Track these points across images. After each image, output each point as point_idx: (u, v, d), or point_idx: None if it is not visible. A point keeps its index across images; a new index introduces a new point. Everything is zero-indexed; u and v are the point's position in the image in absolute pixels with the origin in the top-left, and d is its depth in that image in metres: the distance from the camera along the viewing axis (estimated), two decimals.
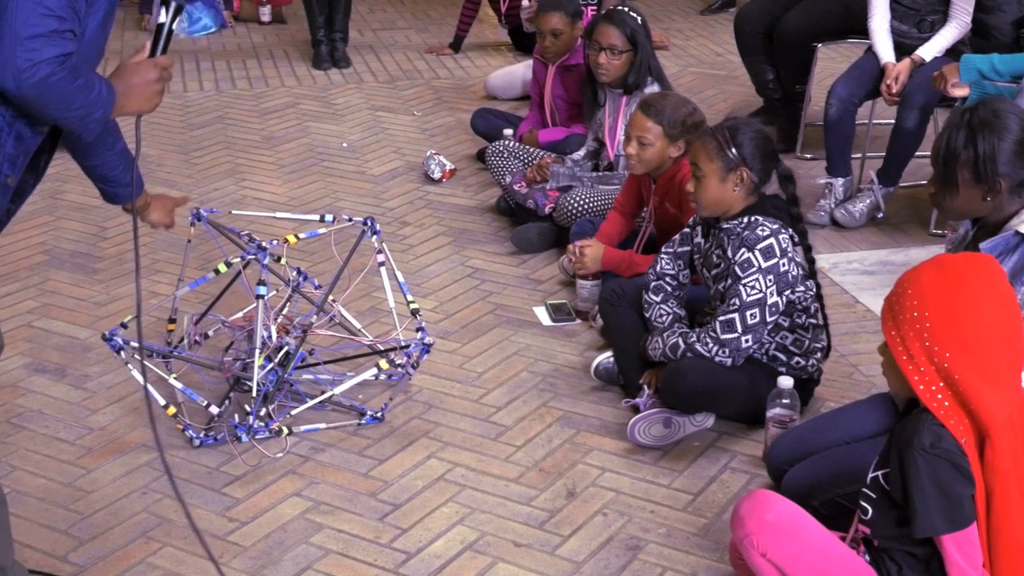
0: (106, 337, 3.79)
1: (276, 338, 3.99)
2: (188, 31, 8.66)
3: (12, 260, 5.12)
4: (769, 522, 2.76)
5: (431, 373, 4.24)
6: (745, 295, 3.66)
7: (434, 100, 7.27)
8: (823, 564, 2.73)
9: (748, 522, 2.78)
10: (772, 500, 2.82)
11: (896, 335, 2.56)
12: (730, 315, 3.69)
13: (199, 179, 6.02)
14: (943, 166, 3.26)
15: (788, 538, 2.75)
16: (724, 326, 3.70)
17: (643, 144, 4.33)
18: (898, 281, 2.62)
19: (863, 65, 5.65)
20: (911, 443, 2.53)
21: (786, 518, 2.79)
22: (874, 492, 2.69)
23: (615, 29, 5.08)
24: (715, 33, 8.69)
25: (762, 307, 3.66)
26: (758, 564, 2.76)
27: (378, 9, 9.47)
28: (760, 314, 3.67)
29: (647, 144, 4.33)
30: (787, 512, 2.80)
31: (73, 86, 2.54)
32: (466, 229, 5.45)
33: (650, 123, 4.32)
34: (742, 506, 2.83)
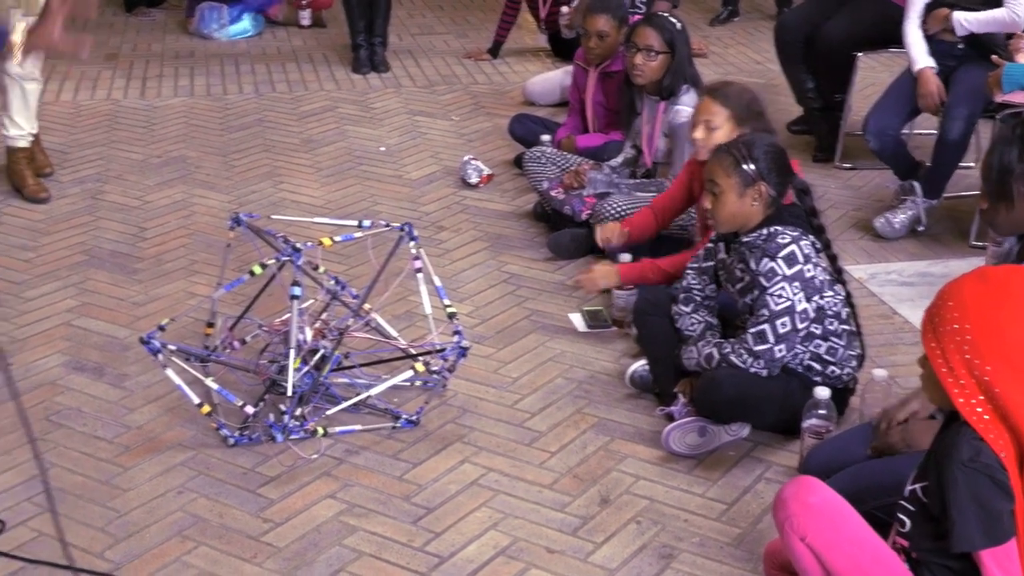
0: (144, 340, 3.81)
1: (312, 340, 4.01)
2: (228, 34, 8.70)
3: (53, 259, 5.16)
4: (812, 505, 2.75)
5: (466, 378, 4.24)
6: (773, 305, 3.66)
7: (472, 105, 7.28)
8: (861, 555, 2.71)
9: (791, 504, 2.77)
10: (816, 485, 2.81)
11: (936, 347, 2.55)
12: (761, 326, 3.68)
13: (237, 181, 6.05)
14: (997, 181, 3.24)
15: (829, 524, 2.74)
16: (756, 337, 3.69)
17: (711, 128, 4.29)
18: (939, 293, 2.61)
19: (897, 89, 5.61)
20: (950, 457, 2.51)
21: (829, 504, 2.77)
22: (912, 505, 2.67)
23: (653, 31, 5.08)
24: (754, 41, 8.66)
25: (792, 315, 3.66)
26: (796, 549, 2.75)
27: (417, 14, 9.50)
28: (791, 322, 3.66)
29: (714, 128, 4.28)
30: (830, 499, 2.78)
31: None
32: (502, 234, 5.46)
33: (717, 106, 4.29)
34: (786, 489, 2.82)
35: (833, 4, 6.31)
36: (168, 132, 6.77)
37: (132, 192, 5.91)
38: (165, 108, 7.18)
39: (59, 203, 5.75)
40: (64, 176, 6.09)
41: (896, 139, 5.53)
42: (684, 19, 5.35)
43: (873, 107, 5.62)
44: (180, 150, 6.48)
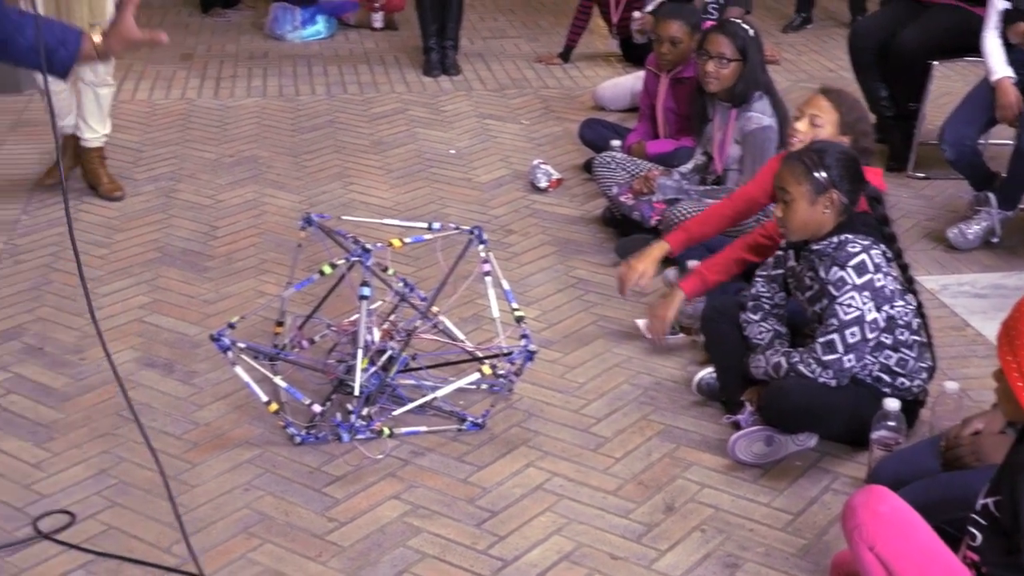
0: (214, 337, 3.84)
1: (380, 341, 4.03)
2: (301, 36, 8.77)
3: (126, 256, 5.22)
4: (882, 514, 2.72)
5: (532, 382, 4.24)
6: (843, 314, 3.63)
7: (542, 109, 7.28)
8: (930, 567, 2.68)
9: (860, 512, 2.74)
10: (886, 494, 2.78)
11: (1012, 361, 2.51)
12: (830, 336, 3.65)
13: (308, 182, 6.09)
14: None
15: (898, 533, 2.71)
16: (825, 347, 3.66)
17: (815, 125, 4.24)
18: (1015, 306, 2.57)
19: (974, 99, 5.55)
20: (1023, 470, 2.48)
21: (899, 514, 2.74)
22: (984, 519, 2.63)
23: (725, 38, 5.06)
24: (828, 48, 8.60)
25: (861, 325, 3.62)
26: (865, 559, 2.72)
27: (489, 18, 9.52)
28: (860, 332, 3.63)
29: (819, 126, 4.22)
30: (901, 508, 2.76)
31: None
32: (571, 239, 5.45)
33: (829, 106, 4.24)
34: (855, 497, 2.79)
35: (909, 12, 6.25)
36: (240, 132, 6.83)
37: (204, 191, 5.97)
38: (238, 108, 7.25)
39: (133, 201, 5.82)
40: (138, 174, 6.16)
41: (972, 149, 5.47)
42: (757, 25, 5.32)
43: (949, 116, 5.56)
44: (252, 150, 6.53)
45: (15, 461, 3.78)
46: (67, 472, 3.73)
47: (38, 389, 4.19)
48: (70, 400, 4.11)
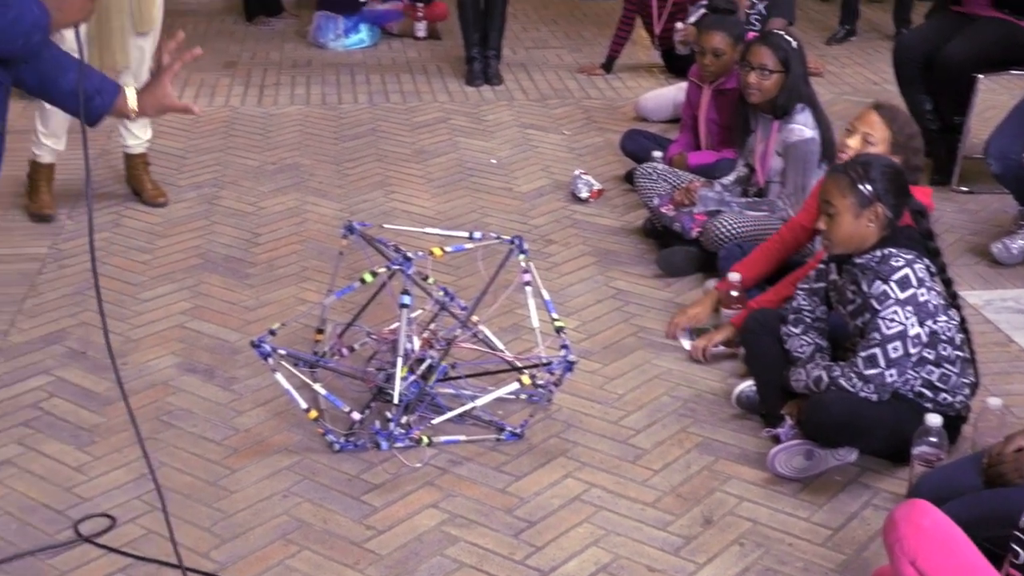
0: (254, 343, 3.86)
1: (419, 350, 4.04)
2: (344, 44, 8.81)
3: (168, 262, 5.26)
4: (924, 528, 2.70)
5: (571, 392, 4.24)
6: (885, 328, 3.60)
7: (584, 120, 7.28)
8: None
9: (902, 526, 2.72)
10: (929, 508, 2.76)
11: None
12: (872, 350, 3.63)
13: (350, 190, 6.11)
14: None
15: (940, 548, 2.68)
16: (867, 361, 3.63)
17: (868, 142, 4.23)
18: None
19: (1020, 112, 5.50)
20: None
21: (941, 528, 2.72)
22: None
23: (768, 50, 5.05)
24: (872, 61, 8.56)
25: (904, 340, 3.60)
26: (906, 573, 2.69)
27: (532, 28, 9.53)
28: (903, 347, 3.60)
29: (871, 144, 4.22)
30: (943, 523, 2.73)
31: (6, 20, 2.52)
32: (611, 250, 5.45)
33: (882, 124, 4.23)
34: (897, 511, 2.77)
35: (954, 24, 6.22)
36: (283, 140, 6.87)
37: (247, 198, 6.00)
38: (281, 116, 7.29)
39: (176, 207, 5.86)
40: (181, 181, 6.20)
41: (1018, 163, 5.42)
42: (800, 37, 5.30)
43: (995, 130, 5.51)
44: (294, 158, 6.56)
45: (57, 464, 3.81)
46: (108, 476, 3.76)
47: (80, 393, 4.23)
48: (111, 404, 4.14)
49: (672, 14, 7.85)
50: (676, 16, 7.79)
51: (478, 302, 4.24)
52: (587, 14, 10.02)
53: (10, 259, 5.25)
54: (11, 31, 2.52)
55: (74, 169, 6.16)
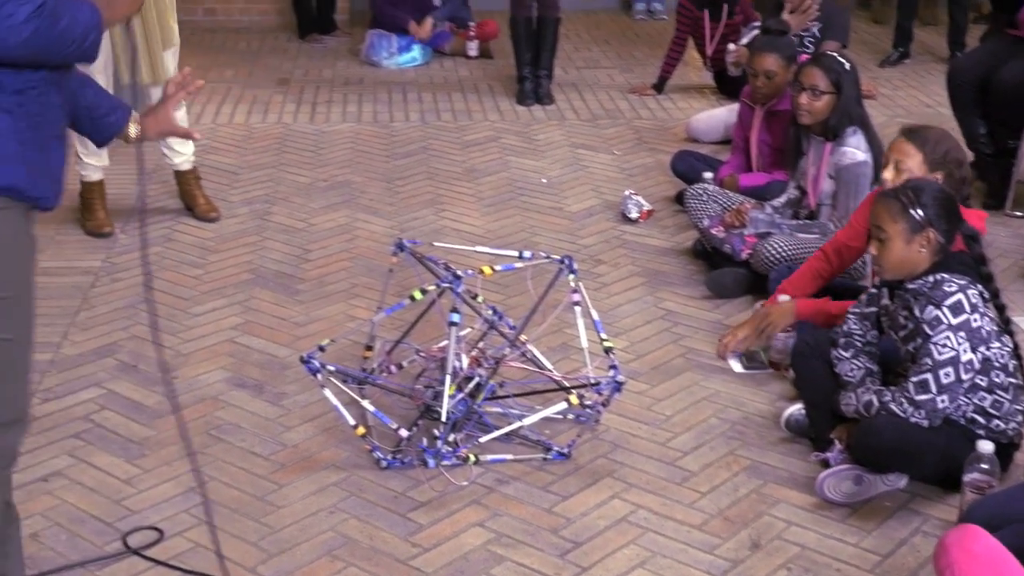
0: (304, 359, 3.88)
1: (468, 368, 4.04)
2: (397, 63, 8.86)
3: (220, 277, 5.29)
4: (975, 553, 2.67)
5: (619, 413, 4.23)
6: (937, 354, 3.57)
7: (635, 140, 7.28)
8: None
9: (952, 551, 2.69)
10: (980, 533, 2.73)
11: None
12: (923, 375, 3.60)
13: (400, 207, 6.14)
14: None
15: (992, 574, 2.65)
16: (918, 387, 3.60)
17: (901, 170, 4.21)
18: None
19: None
20: None
21: (993, 553, 2.69)
22: None
23: (819, 71, 5.03)
24: (925, 84, 8.50)
25: (956, 365, 3.57)
26: None
27: (583, 48, 9.54)
28: (955, 373, 3.57)
29: (905, 171, 4.20)
30: (994, 548, 2.70)
31: (58, 28, 2.53)
32: (661, 271, 5.43)
33: (913, 148, 4.22)
34: (948, 536, 2.74)
35: (1009, 48, 6.17)
36: (335, 157, 6.90)
37: (298, 214, 6.04)
38: (333, 133, 7.33)
39: (228, 223, 5.90)
40: (234, 196, 6.25)
41: None
42: (853, 59, 5.28)
43: None
44: (346, 175, 6.60)
45: (107, 476, 3.84)
46: (157, 489, 3.78)
47: (130, 406, 4.26)
48: (161, 417, 4.17)
49: (724, 35, 7.83)
50: (728, 37, 7.77)
51: (527, 321, 4.24)
52: (639, 34, 10.03)
53: (64, 272, 5.30)
54: (63, 40, 2.54)
55: (125, 184, 6.22)
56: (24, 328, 2.75)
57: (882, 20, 10.23)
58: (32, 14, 2.47)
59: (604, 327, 4.19)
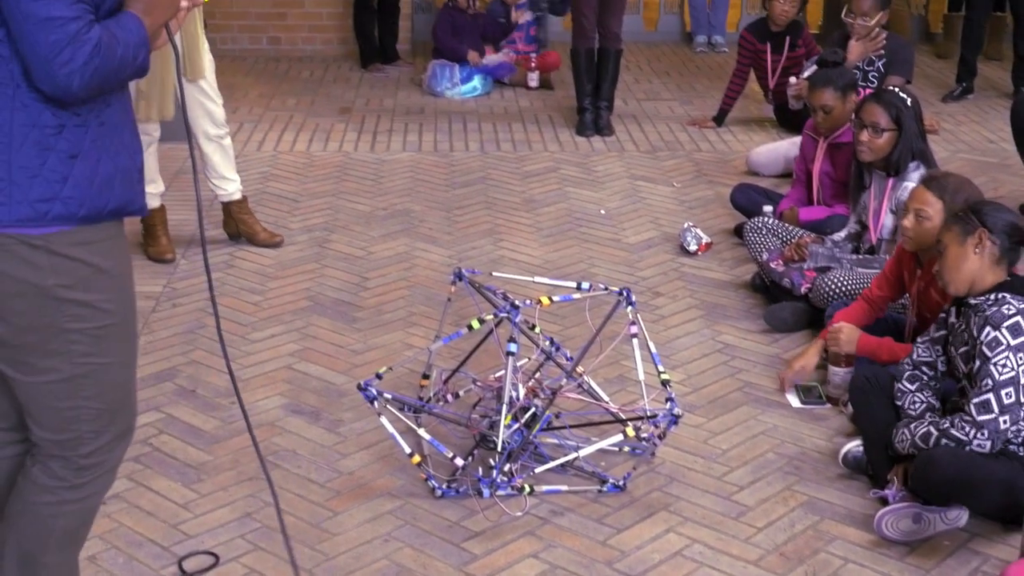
0: (361, 387, 3.89)
1: (524, 398, 4.04)
2: (458, 93, 8.90)
3: (279, 304, 5.33)
4: None
5: (675, 446, 4.21)
6: (997, 374, 3.56)
7: (694, 172, 7.26)
8: None
9: None
10: None
11: None
12: (984, 396, 3.58)
13: (459, 236, 6.16)
14: None
15: None
16: (979, 408, 3.58)
17: (920, 218, 4.23)
18: None
19: None
20: None
21: None
22: None
23: (880, 108, 5.01)
24: (989, 119, 8.43)
25: (1017, 386, 3.56)
26: None
27: (644, 80, 9.55)
28: (1016, 393, 3.56)
29: (924, 219, 4.22)
30: None
31: (116, 61, 2.54)
32: (719, 304, 5.41)
33: (932, 197, 4.22)
34: (1010, 569, 2.71)
35: None
36: (394, 185, 6.94)
37: (357, 242, 6.07)
38: (393, 162, 7.37)
39: (287, 250, 5.95)
40: (293, 224, 6.29)
41: None
42: (916, 94, 5.25)
43: None
44: (405, 203, 6.63)
45: (164, 500, 3.87)
46: (213, 514, 3.80)
47: (188, 431, 4.29)
48: (219, 443, 4.19)
49: (786, 68, 7.81)
50: (791, 71, 7.75)
51: (584, 352, 4.23)
52: (700, 67, 10.02)
53: None
54: (122, 67, 2.57)
55: (185, 211, 6.28)
56: (132, 349, 2.89)
57: (946, 55, 10.17)
58: (88, 55, 2.48)
59: (661, 359, 4.17)
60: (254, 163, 7.26)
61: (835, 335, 4.45)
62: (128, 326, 2.84)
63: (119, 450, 2.89)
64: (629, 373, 4.53)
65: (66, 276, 2.64)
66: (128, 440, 2.93)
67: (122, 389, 2.86)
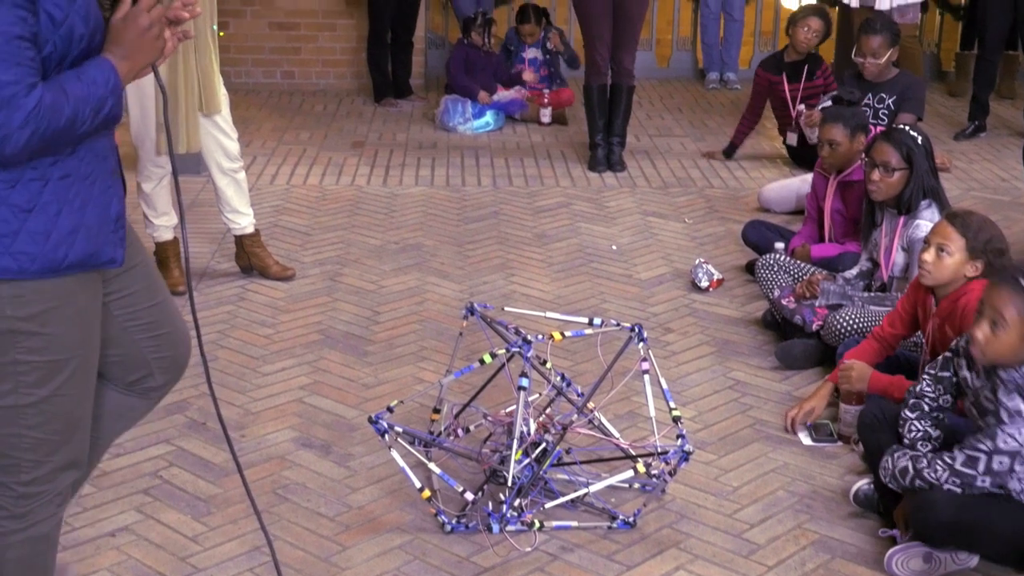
0: (372, 419, 3.89)
1: (535, 433, 4.03)
2: (471, 128, 8.93)
3: (290, 337, 5.33)
4: None
5: (685, 483, 4.19)
6: (1001, 442, 3.50)
7: (706, 208, 7.27)
8: None
9: None
10: None
11: None
12: (977, 453, 3.53)
13: (470, 271, 6.16)
14: None
15: None
16: (966, 460, 3.54)
17: (941, 253, 4.21)
18: None
19: None
20: None
21: None
22: None
23: (891, 147, 5.01)
24: (1001, 158, 8.43)
25: (1012, 458, 3.50)
26: None
27: (656, 116, 9.57)
28: (1009, 463, 3.51)
29: (946, 254, 4.20)
30: None
31: (63, 122, 2.51)
32: (730, 340, 5.41)
33: (955, 233, 4.20)
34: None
35: None
36: (406, 220, 6.96)
37: (368, 276, 6.08)
38: (405, 196, 7.39)
39: (299, 283, 5.96)
40: (306, 257, 6.31)
41: None
42: (927, 132, 5.25)
43: None
44: (417, 238, 6.64)
45: (173, 533, 3.87)
46: (222, 547, 3.80)
47: (198, 463, 4.29)
48: (228, 476, 4.19)
49: (804, 98, 7.83)
50: (809, 101, 7.77)
51: (595, 388, 4.23)
52: (712, 103, 10.05)
53: None
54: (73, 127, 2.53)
55: (199, 243, 6.31)
56: (85, 386, 2.85)
57: (958, 93, 10.19)
58: (27, 118, 2.45)
59: (672, 396, 4.17)
60: (267, 196, 7.28)
61: (847, 373, 4.44)
62: (86, 363, 2.82)
63: (63, 480, 2.89)
64: (640, 409, 4.52)
65: (23, 308, 2.64)
66: (75, 472, 2.92)
67: (68, 422, 2.84)
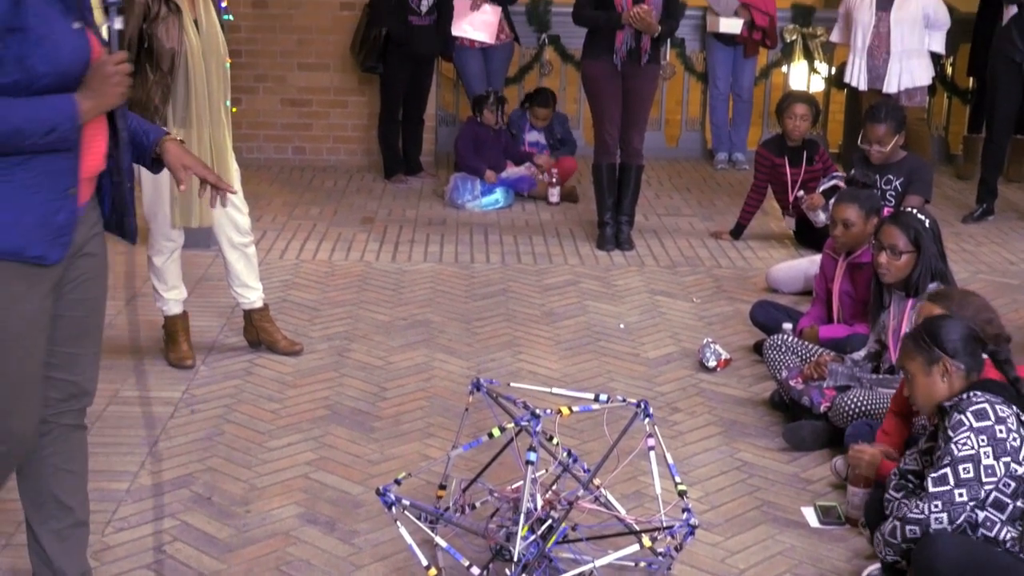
0: (379, 491, 3.88)
1: (541, 510, 4.01)
2: (480, 205, 8.98)
3: (297, 412, 5.33)
4: None
5: (691, 564, 4.17)
6: (956, 451, 3.64)
7: (714, 288, 7.28)
8: None
9: None
10: None
11: None
12: (942, 471, 3.66)
13: (478, 348, 6.17)
14: None
15: None
16: (936, 481, 3.66)
17: None
18: None
19: None
20: None
21: None
22: None
23: (898, 230, 5.03)
24: (1009, 241, 8.45)
25: (976, 464, 3.61)
26: None
27: (664, 195, 9.62)
28: (974, 470, 3.60)
29: None
30: None
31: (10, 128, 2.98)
32: (737, 420, 5.39)
33: (938, 311, 4.24)
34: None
35: None
36: (415, 296, 6.97)
37: (376, 352, 6.08)
38: (414, 272, 7.41)
39: (307, 358, 5.96)
40: (313, 332, 6.32)
41: None
42: (934, 215, 5.27)
43: None
44: (425, 314, 6.65)
45: None
46: None
47: (203, 539, 4.27)
48: (233, 552, 4.17)
49: (805, 182, 7.88)
50: (808, 185, 7.82)
51: (602, 463, 4.21)
52: (720, 184, 10.10)
53: (145, 402, 5.37)
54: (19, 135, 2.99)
55: (209, 317, 6.32)
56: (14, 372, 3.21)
57: (966, 176, 10.23)
58: None
59: (679, 474, 4.15)
60: (276, 271, 7.31)
61: (859, 456, 4.42)
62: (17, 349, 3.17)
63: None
64: (646, 488, 4.50)
65: None
66: None
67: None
